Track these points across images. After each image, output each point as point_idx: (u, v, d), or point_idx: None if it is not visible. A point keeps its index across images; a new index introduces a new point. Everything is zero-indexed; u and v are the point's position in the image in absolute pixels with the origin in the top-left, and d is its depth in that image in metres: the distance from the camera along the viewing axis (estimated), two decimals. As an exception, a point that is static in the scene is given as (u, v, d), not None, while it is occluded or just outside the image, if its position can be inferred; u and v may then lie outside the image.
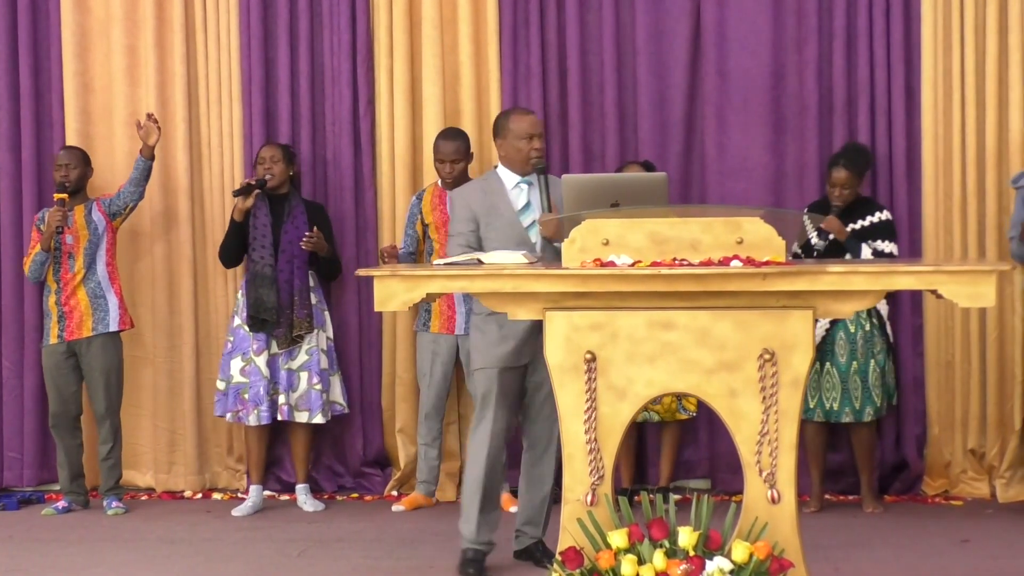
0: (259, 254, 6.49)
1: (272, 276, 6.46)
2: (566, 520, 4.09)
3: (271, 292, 6.44)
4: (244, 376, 6.55)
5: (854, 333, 6.18)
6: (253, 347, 6.52)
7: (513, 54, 6.80)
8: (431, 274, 4.17)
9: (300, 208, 6.58)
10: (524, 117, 5.22)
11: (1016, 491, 6.43)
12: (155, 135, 6.52)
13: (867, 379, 6.18)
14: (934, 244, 6.51)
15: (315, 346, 6.57)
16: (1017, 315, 6.43)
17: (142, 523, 6.37)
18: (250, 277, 6.51)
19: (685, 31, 6.71)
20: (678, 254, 4.01)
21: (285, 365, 6.54)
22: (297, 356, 6.56)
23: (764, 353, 4.00)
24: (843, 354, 6.18)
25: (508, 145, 5.17)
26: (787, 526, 4.01)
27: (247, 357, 6.54)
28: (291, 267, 6.50)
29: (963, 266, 4.00)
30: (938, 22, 6.49)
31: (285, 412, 6.53)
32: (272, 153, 6.57)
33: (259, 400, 6.51)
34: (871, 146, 6.52)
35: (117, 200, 6.59)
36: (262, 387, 6.51)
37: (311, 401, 6.57)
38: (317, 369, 6.57)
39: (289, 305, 6.47)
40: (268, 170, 6.54)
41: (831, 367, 6.19)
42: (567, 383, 4.09)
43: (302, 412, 6.57)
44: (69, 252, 6.55)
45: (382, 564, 5.48)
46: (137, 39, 7.00)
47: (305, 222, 6.54)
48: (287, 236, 6.50)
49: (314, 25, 6.94)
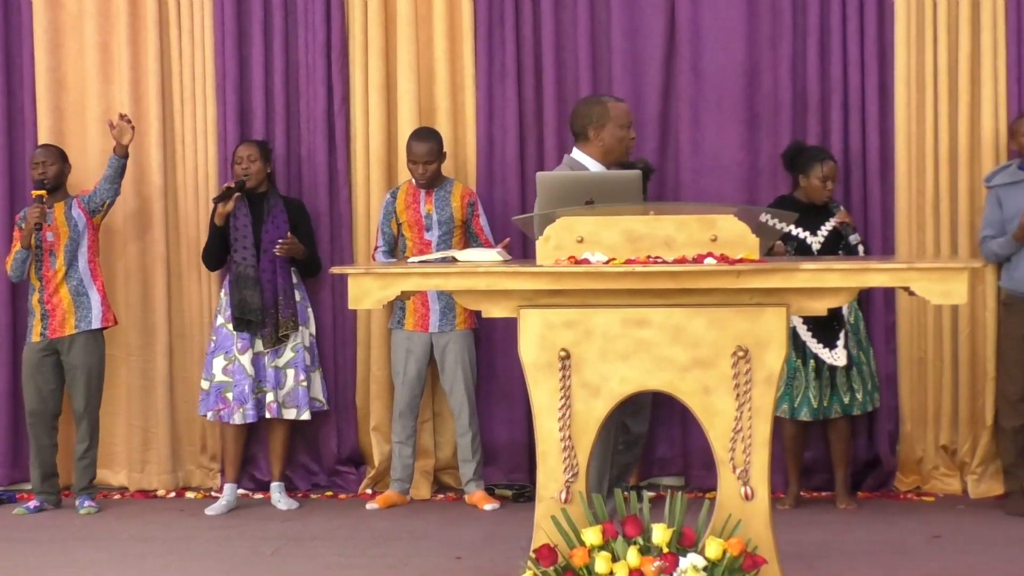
0: (241, 255, 6.48)
1: (255, 277, 6.45)
2: (540, 517, 4.09)
3: (255, 293, 6.43)
4: (227, 375, 6.53)
5: (855, 324, 6.23)
6: (237, 346, 6.51)
7: (488, 51, 6.79)
8: (405, 272, 4.17)
9: (279, 206, 6.56)
10: (620, 104, 5.03)
11: (987, 487, 6.47)
12: (128, 134, 6.49)
13: (871, 366, 6.27)
14: (907, 241, 6.54)
15: (300, 343, 6.57)
16: (989, 312, 6.46)
17: (115, 522, 6.34)
18: (233, 278, 6.50)
19: (660, 29, 6.72)
20: (652, 252, 4.02)
21: (272, 363, 6.53)
22: (283, 353, 6.55)
23: (738, 350, 4.01)
24: (853, 345, 6.22)
25: (608, 133, 4.96)
26: (760, 523, 4.03)
27: (230, 356, 6.53)
28: (274, 267, 6.49)
29: (935, 263, 4.03)
30: (911, 21, 6.52)
31: (274, 410, 6.52)
32: (249, 152, 6.55)
33: (244, 399, 6.49)
34: (844, 144, 6.55)
35: (95, 197, 6.56)
36: (247, 386, 6.49)
37: (298, 398, 6.56)
38: (303, 366, 6.57)
39: (274, 305, 6.47)
40: (245, 170, 6.52)
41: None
42: (541, 380, 4.09)
43: (290, 409, 6.57)
44: (50, 249, 6.52)
45: (356, 562, 5.47)
46: (110, 36, 6.97)
47: (285, 220, 6.53)
48: (268, 236, 6.49)
49: (288, 22, 6.92)
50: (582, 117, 5.06)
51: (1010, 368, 6.23)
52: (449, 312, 6.51)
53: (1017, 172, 6.20)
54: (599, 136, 4.99)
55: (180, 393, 6.96)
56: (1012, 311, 6.24)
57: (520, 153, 6.78)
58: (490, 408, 6.81)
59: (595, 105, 5.07)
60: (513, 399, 6.75)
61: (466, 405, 6.54)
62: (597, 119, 5.00)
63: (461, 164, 6.83)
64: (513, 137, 6.77)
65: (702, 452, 6.22)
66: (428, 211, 6.49)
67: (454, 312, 6.51)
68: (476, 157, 6.80)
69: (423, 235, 6.49)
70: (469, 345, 6.58)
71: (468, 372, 6.56)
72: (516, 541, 5.52)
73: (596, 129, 4.99)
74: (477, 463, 6.56)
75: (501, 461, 6.83)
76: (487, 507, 6.43)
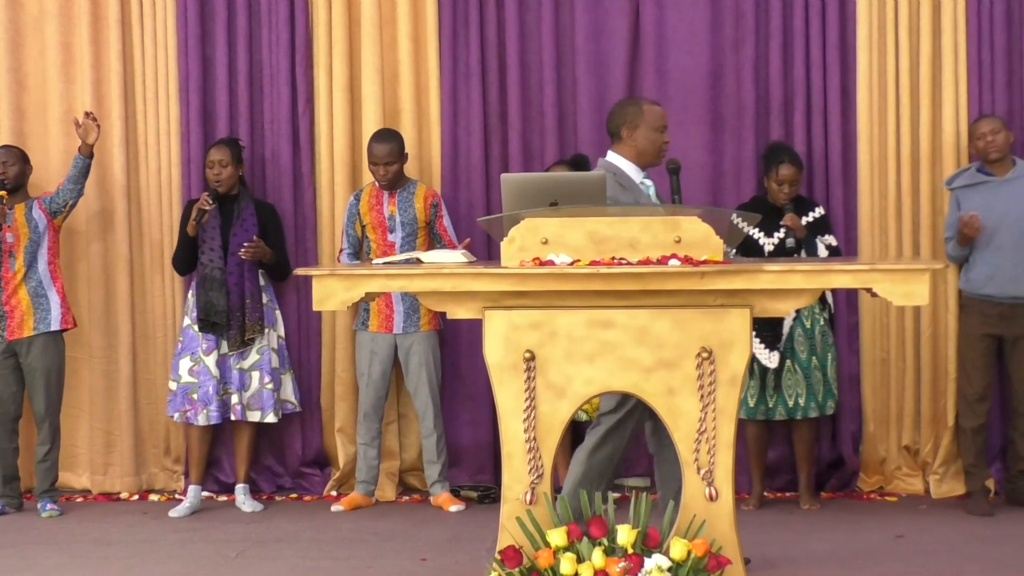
0: (208, 256, 6.45)
1: (222, 279, 6.42)
2: (505, 519, 4.09)
3: (221, 295, 6.40)
4: (192, 376, 6.50)
5: (811, 328, 6.25)
6: (203, 347, 6.48)
7: (453, 53, 6.79)
8: (370, 273, 4.16)
9: (250, 209, 6.53)
10: (656, 107, 5.00)
11: (949, 487, 6.52)
12: (94, 133, 6.45)
13: (827, 372, 6.25)
14: (869, 243, 6.58)
15: (266, 345, 6.54)
16: (951, 313, 6.51)
17: (77, 525, 6.29)
18: (200, 280, 6.47)
19: (624, 31, 6.74)
20: (617, 253, 4.03)
21: (237, 365, 6.50)
22: (249, 356, 6.52)
23: (702, 351, 4.03)
24: (803, 350, 6.24)
25: (642, 135, 4.92)
26: (724, 523, 4.04)
27: (196, 357, 6.50)
28: (241, 269, 6.46)
29: (897, 265, 4.06)
30: (873, 24, 6.57)
31: (238, 412, 6.49)
32: (221, 156, 6.50)
33: (208, 400, 6.46)
34: (807, 146, 6.58)
35: (56, 198, 6.51)
36: (211, 387, 6.46)
37: (263, 400, 6.53)
38: (268, 368, 6.54)
39: (240, 307, 6.43)
40: (217, 175, 6.47)
41: (792, 363, 6.24)
42: (506, 382, 4.09)
43: (254, 411, 6.54)
44: (10, 251, 6.46)
45: (321, 564, 5.45)
46: (72, 35, 6.92)
47: (255, 224, 6.50)
48: (236, 238, 6.46)
49: (252, 22, 6.89)
50: (617, 117, 5.02)
51: (968, 369, 6.28)
52: (413, 313, 6.50)
53: (976, 175, 6.26)
54: (632, 137, 4.95)
55: (143, 395, 6.92)
56: (969, 312, 6.30)
57: (484, 154, 6.78)
58: (455, 409, 6.81)
59: (630, 106, 5.04)
60: (478, 400, 6.75)
61: (431, 406, 6.53)
62: (631, 120, 4.96)
63: (426, 165, 6.82)
64: (477, 138, 6.77)
65: (667, 453, 6.24)
66: (391, 213, 6.48)
67: (418, 313, 6.50)
68: (440, 158, 6.80)
69: (387, 237, 6.48)
70: (434, 346, 6.58)
71: (433, 373, 6.55)
72: (481, 542, 5.53)
73: (629, 130, 4.95)
74: (442, 465, 6.55)
75: (466, 463, 6.82)
76: (452, 508, 6.43)
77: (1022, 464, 6.30)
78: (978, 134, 6.24)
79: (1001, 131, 6.21)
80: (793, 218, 6.15)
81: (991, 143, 6.19)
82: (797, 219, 6.16)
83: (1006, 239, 6.16)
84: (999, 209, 6.17)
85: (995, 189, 6.21)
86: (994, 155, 6.20)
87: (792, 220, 6.14)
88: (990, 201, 6.19)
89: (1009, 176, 6.23)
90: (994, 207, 6.17)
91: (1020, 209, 6.16)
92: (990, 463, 6.43)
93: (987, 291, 6.20)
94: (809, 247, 6.20)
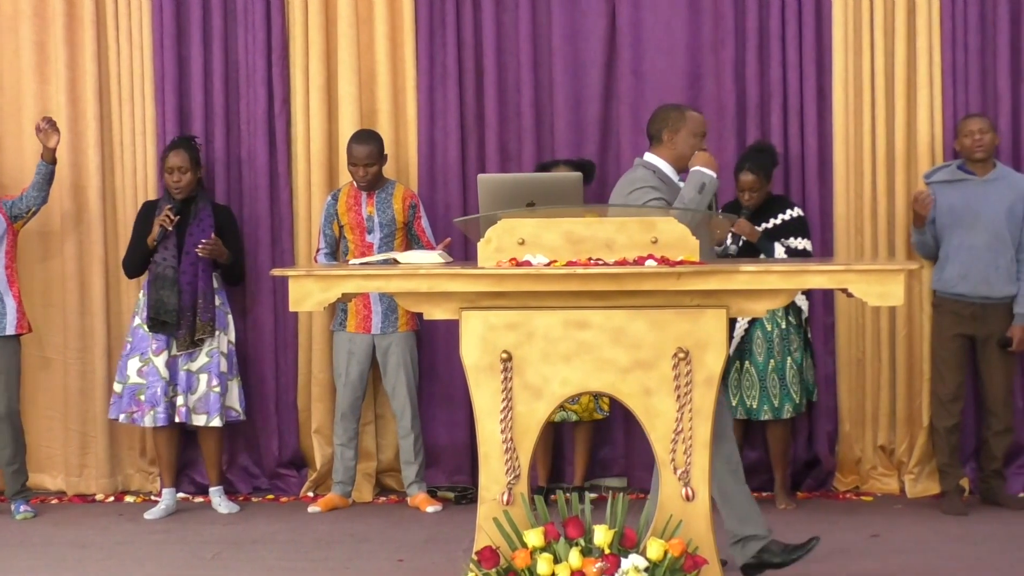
0: (162, 255, 6.41)
1: (174, 278, 6.37)
2: (482, 519, 4.09)
3: (172, 294, 6.36)
4: (141, 377, 6.45)
5: (771, 332, 6.25)
6: (152, 347, 6.43)
7: (429, 53, 6.78)
8: (346, 274, 4.15)
9: (207, 211, 6.50)
10: (698, 114, 5.04)
11: (924, 486, 6.55)
12: (54, 138, 6.39)
13: (784, 377, 6.26)
14: (845, 243, 6.61)
15: (216, 348, 6.49)
16: (925, 314, 6.54)
17: (51, 527, 6.26)
18: (152, 278, 6.43)
19: (601, 32, 6.75)
20: (593, 254, 4.03)
21: (184, 366, 6.46)
22: (197, 358, 6.47)
23: (678, 352, 4.03)
24: (761, 352, 6.25)
25: (681, 139, 4.94)
26: (701, 523, 4.05)
27: (145, 357, 6.45)
28: (195, 269, 6.41)
29: (873, 265, 4.07)
30: (848, 25, 6.59)
31: (183, 414, 6.44)
32: (180, 163, 6.43)
33: (156, 401, 6.41)
34: (783, 147, 6.60)
35: (19, 203, 6.46)
36: (159, 388, 6.41)
37: (209, 404, 6.47)
38: (216, 372, 6.48)
39: (191, 307, 6.38)
40: (177, 182, 6.42)
41: (750, 366, 6.25)
42: (483, 382, 4.09)
43: (200, 415, 6.48)
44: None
45: (297, 566, 5.44)
46: (46, 35, 6.88)
47: (211, 225, 6.46)
48: (192, 238, 6.42)
49: (228, 22, 6.87)
50: (659, 120, 5.06)
51: (941, 369, 6.32)
52: (391, 314, 6.49)
53: (956, 172, 6.29)
54: (672, 140, 4.97)
55: (118, 396, 6.88)
56: (941, 312, 6.33)
57: (462, 155, 6.78)
58: (432, 410, 6.80)
59: (673, 110, 5.08)
60: (455, 401, 6.75)
61: (408, 407, 6.53)
62: (673, 123, 4.99)
63: (403, 166, 6.82)
64: (454, 139, 6.77)
65: (644, 453, 6.25)
66: (370, 213, 6.47)
67: (396, 314, 6.49)
68: (417, 159, 6.79)
69: (365, 237, 6.47)
70: (411, 347, 6.57)
71: (410, 374, 6.54)
72: (458, 543, 5.53)
73: (671, 133, 4.97)
74: (419, 465, 6.55)
75: (443, 463, 6.82)
76: (429, 509, 6.42)
77: (995, 463, 6.34)
78: (966, 131, 6.26)
79: (989, 132, 6.24)
80: (742, 224, 6.14)
81: (978, 141, 6.22)
82: (747, 224, 6.16)
83: (980, 239, 6.19)
84: (975, 208, 6.21)
85: (973, 188, 6.24)
86: (979, 154, 6.23)
87: (741, 227, 6.14)
88: (967, 199, 6.23)
89: (989, 177, 6.26)
90: (970, 206, 6.21)
91: (996, 210, 6.20)
92: (964, 462, 6.47)
93: (959, 290, 6.23)
94: (766, 252, 6.18)
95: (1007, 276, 6.21)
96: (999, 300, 6.23)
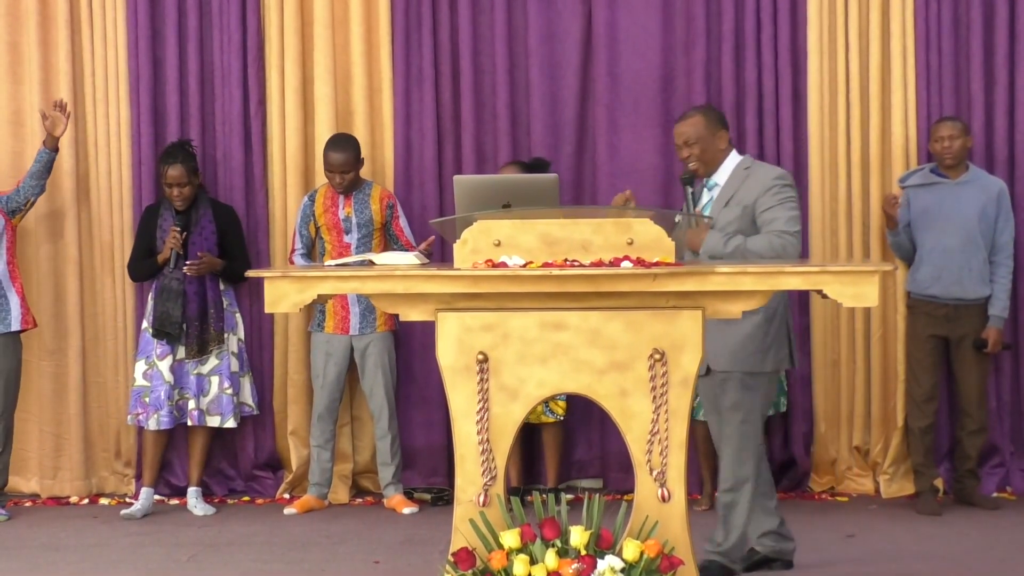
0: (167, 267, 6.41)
1: (180, 290, 6.38)
2: (458, 521, 4.09)
3: (177, 307, 6.36)
4: (146, 380, 6.46)
5: None
6: (156, 351, 6.43)
7: (405, 55, 6.78)
8: (322, 275, 4.14)
9: (208, 216, 6.49)
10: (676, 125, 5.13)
11: (899, 487, 6.58)
12: (62, 125, 6.38)
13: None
14: (820, 245, 6.63)
15: (226, 350, 6.50)
16: (900, 315, 6.57)
17: (26, 530, 6.23)
18: (159, 289, 6.44)
19: (576, 33, 6.76)
20: (569, 255, 4.03)
21: (195, 371, 6.46)
22: (208, 361, 6.48)
23: (654, 353, 4.04)
24: None
25: (716, 142, 5.03)
26: (677, 524, 4.06)
27: (150, 361, 6.46)
28: (201, 278, 6.42)
29: (847, 267, 4.08)
30: (824, 28, 6.62)
31: (196, 417, 6.45)
32: (179, 176, 6.40)
33: (159, 405, 6.41)
34: (759, 149, 6.62)
35: (16, 196, 6.43)
36: (163, 392, 6.42)
37: (222, 405, 6.49)
38: (228, 373, 6.50)
39: (198, 317, 6.39)
40: (179, 196, 6.42)
41: None
42: (459, 384, 4.09)
43: (214, 416, 6.50)
44: None
45: (273, 568, 5.43)
46: (20, 35, 6.85)
47: (213, 231, 6.47)
48: (195, 247, 6.42)
49: (203, 23, 6.85)
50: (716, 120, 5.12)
51: (915, 369, 6.35)
52: (369, 314, 6.49)
53: (929, 175, 6.33)
54: (720, 139, 5.04)
55: (93, 398, 6.86)
56: (915, 313, 6.37)
57: (438, 157, 6.78)
58: (409, 412, 6.80)
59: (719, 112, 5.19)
60: (431, 402, 6.75)
61: (386, 408, 6.52)
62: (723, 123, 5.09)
63: (379, 168, 6.81)
64: (431, 141, 6.77)
65: (620, 454, 6.26)
66: (347, 214, 6.47)
67: (374, 315, 6.49)
68: (394, 160, 6.79)
69: (342, 238, 6.46)
70: (389, 347, 6.57)
71: (388, 375, 6.54)
72: (435, 544, 5.54)
73: (721, 132, 5.05)
74: (396, 467, 6.54)
75: (420, 465, 6.82)
76: (406, 511, 6.42)
77: (969, 464, 6.38)
78: (936, 136, 6.30)
79: (959, 137, 6.26)
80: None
81: (947, 148, 6.25)
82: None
83: (953, 241, 6.23)
84: (948, 210, 6.24)
85: (946, 191, 6.28)
86: (948, 160, 6.27)
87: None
88: (940, 202, 6.26)
89: (961, 179, 6.30)
90: (943, 208, 6.25)
91: (968, 212, 6.24)
92: (938, 463, 6.50)
93: (932, 292, 6.27)
94: None
95: (980, 278, 6.25)
96: (972, 301, 6.26)
